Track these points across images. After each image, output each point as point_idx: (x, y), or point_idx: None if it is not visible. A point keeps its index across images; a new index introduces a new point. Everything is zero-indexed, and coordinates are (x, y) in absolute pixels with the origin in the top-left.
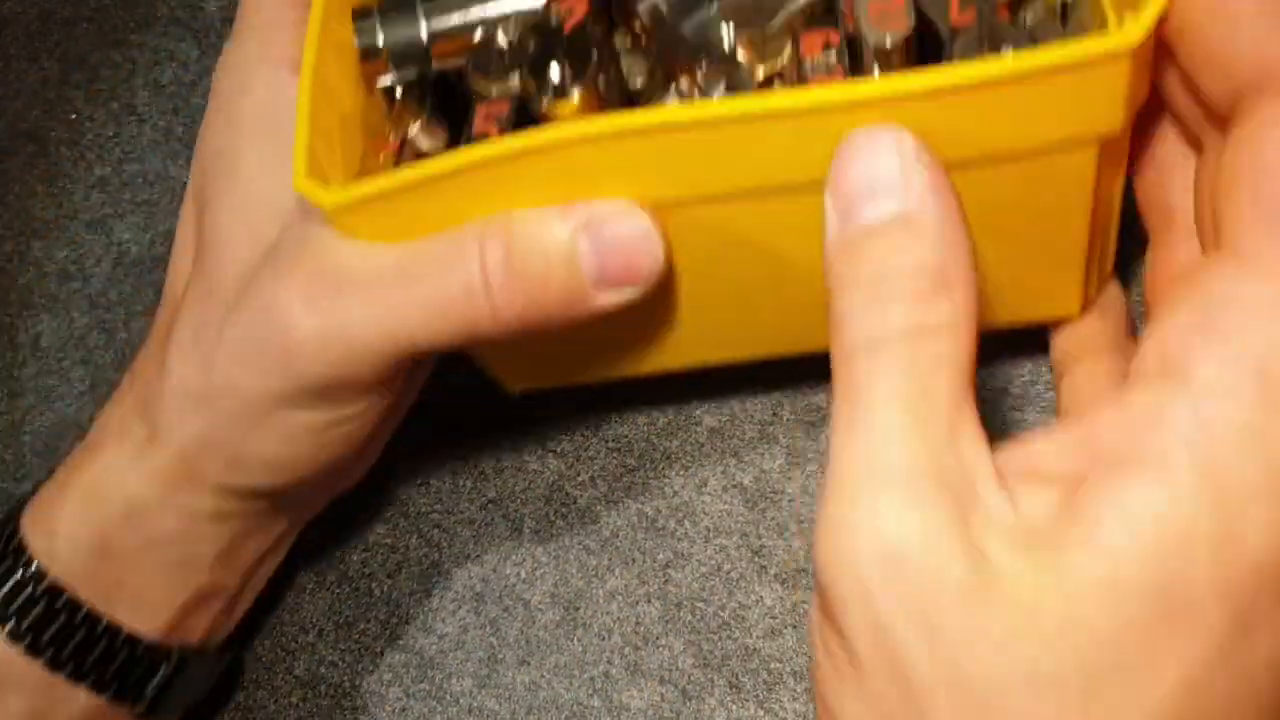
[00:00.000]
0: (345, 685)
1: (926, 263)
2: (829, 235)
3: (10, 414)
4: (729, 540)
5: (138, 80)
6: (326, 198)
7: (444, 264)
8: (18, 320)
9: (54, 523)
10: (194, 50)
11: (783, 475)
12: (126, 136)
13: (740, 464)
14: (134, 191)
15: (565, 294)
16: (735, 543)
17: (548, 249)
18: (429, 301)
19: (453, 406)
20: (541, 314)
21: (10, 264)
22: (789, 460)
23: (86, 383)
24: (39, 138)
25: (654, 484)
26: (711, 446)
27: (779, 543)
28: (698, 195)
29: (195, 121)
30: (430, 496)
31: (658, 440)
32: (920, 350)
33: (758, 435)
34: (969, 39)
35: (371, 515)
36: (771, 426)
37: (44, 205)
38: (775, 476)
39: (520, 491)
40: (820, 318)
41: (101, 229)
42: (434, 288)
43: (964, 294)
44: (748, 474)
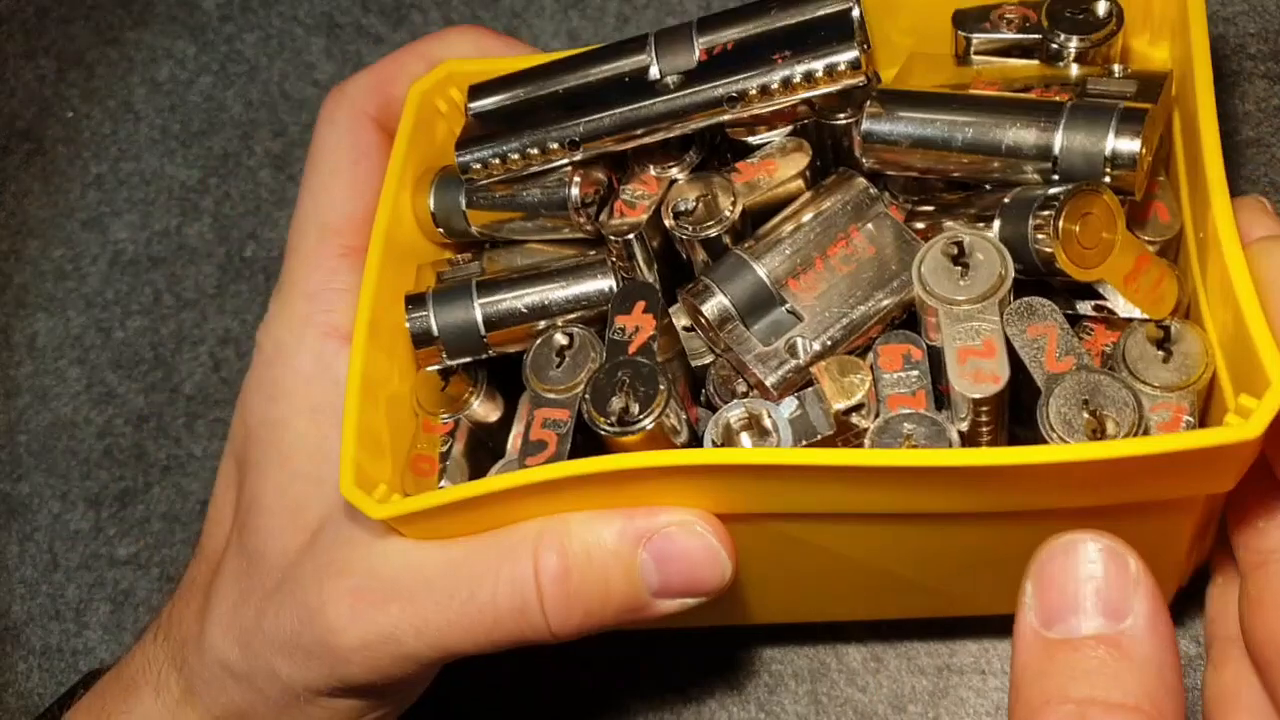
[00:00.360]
0: None
1: (1136, 702)
2: (1024, 621)
3: (6, 413)
4: None
5: (134, 78)
6: (375, 510)
7: (495, 577)
8: (13, 319)
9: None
10: (191, 48)
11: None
12: (123, 135)
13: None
14: (130, 190)
15: (624, 606)
16: None
17: (608, 565)
18: (479, 615)
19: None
20: (598, 624)
21: (6, 263)
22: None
23: (83, 382)
24: (35, 136)
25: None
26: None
27: None
28: (759, 514)
29: (192, 119)
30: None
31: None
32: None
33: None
34: (1068, 387)
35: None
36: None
37: (40, 204)
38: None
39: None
40: (864, 596)
41: (98, 227)
42: (484, 602)
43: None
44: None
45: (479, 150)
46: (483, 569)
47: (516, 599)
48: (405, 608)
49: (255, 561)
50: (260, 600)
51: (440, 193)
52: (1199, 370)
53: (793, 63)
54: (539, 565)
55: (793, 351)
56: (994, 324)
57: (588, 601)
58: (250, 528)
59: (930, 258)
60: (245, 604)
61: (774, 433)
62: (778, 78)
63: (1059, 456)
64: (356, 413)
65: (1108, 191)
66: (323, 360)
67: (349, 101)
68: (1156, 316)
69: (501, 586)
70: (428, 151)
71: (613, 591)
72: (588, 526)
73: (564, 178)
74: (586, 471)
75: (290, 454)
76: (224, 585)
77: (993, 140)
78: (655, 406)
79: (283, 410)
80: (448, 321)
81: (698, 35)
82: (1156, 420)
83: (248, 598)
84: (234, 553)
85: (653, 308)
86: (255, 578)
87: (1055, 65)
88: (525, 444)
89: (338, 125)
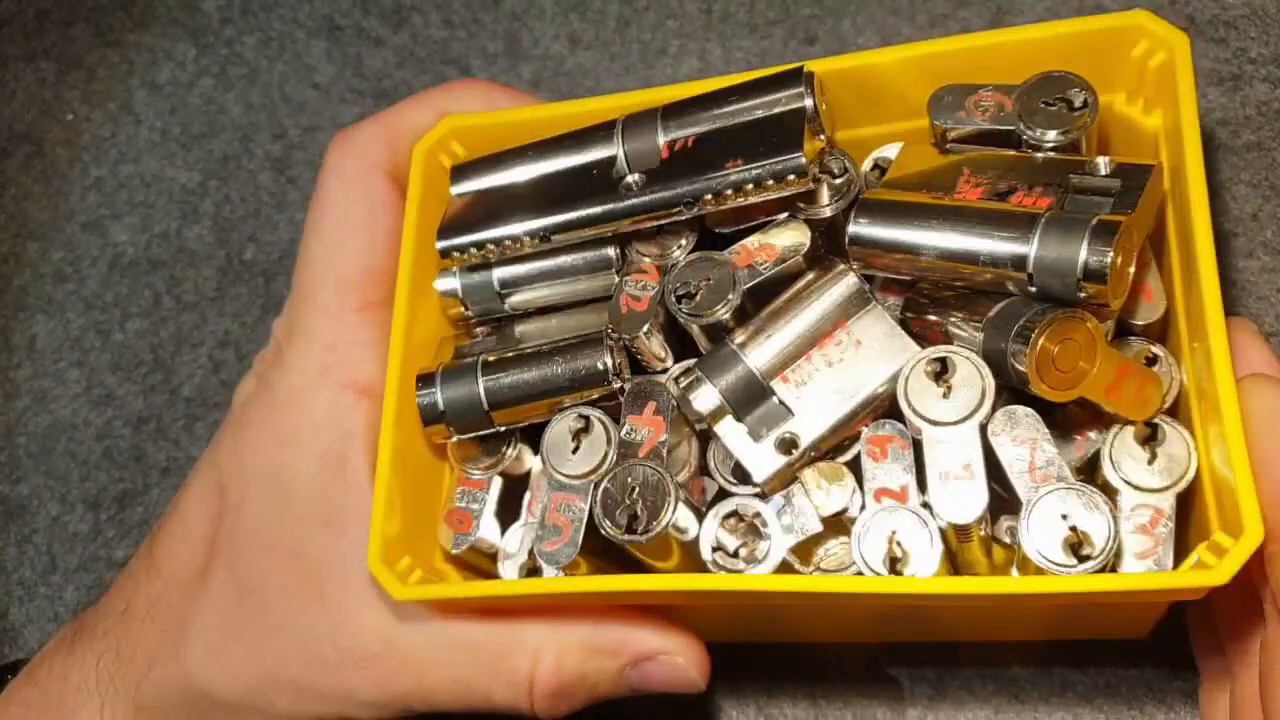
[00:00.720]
0: None
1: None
2: (1272, 632)
3: (6, 415)
4: None
5: (134, 81)
6: (399, 591)
7: (494, 672)
8: (13, 322)
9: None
10: (191, 50)
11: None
12: (123, 137)
13: None
14: (130, 193)
15: (606, 696)
16: None
17: (597, 680)
18: (477, 699)
19: None
20: (579, 708)
21: (6, 265)
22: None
23: (82, 385)
24: (35, 139)
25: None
26: None
27: None
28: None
29: (192, 122)
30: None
31: None
32: None
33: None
34: (1048, 502)
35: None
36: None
37: (40, 206)
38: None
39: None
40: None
41: (97, 230)
42: (482, 691)
43: None
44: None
45: (458, 238)
46: (487, 662)
47: (510, 696)
48: (418, 681)
49: (249, 596)
50: (260, 637)
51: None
52: (1182, 473)
53: (744, 169)
54: (536, 673)
55: (783, 447)
56: (975, 446)
57: (573, 702)
58: (245, 562)
59: (913, 374)
60: (238, 637)
61: (766, 536)
62: (729, 185)
63: (1032, 588)
64: (386, 489)
65: (1090, 319)
66: (337, 411)
67: (359, 151)
68: (1140, 419)
69: (500, 684)
70: (440, 208)
71: (599, 694)
72: (582, 646)
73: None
74: (602, 590)
75: (296, 498)
76: (208, 614)
77: (970, 251)
78: (663, 516)
79: (291, 455)
80: (454, 398)
81: (662, 125)
82: (1136, 522)
83: (241, 632)
84: (222, 584)
85: (663, 409)
86: (249, 613)
87: (1034, 156)
88: (543, 526)
89: (347, 175)
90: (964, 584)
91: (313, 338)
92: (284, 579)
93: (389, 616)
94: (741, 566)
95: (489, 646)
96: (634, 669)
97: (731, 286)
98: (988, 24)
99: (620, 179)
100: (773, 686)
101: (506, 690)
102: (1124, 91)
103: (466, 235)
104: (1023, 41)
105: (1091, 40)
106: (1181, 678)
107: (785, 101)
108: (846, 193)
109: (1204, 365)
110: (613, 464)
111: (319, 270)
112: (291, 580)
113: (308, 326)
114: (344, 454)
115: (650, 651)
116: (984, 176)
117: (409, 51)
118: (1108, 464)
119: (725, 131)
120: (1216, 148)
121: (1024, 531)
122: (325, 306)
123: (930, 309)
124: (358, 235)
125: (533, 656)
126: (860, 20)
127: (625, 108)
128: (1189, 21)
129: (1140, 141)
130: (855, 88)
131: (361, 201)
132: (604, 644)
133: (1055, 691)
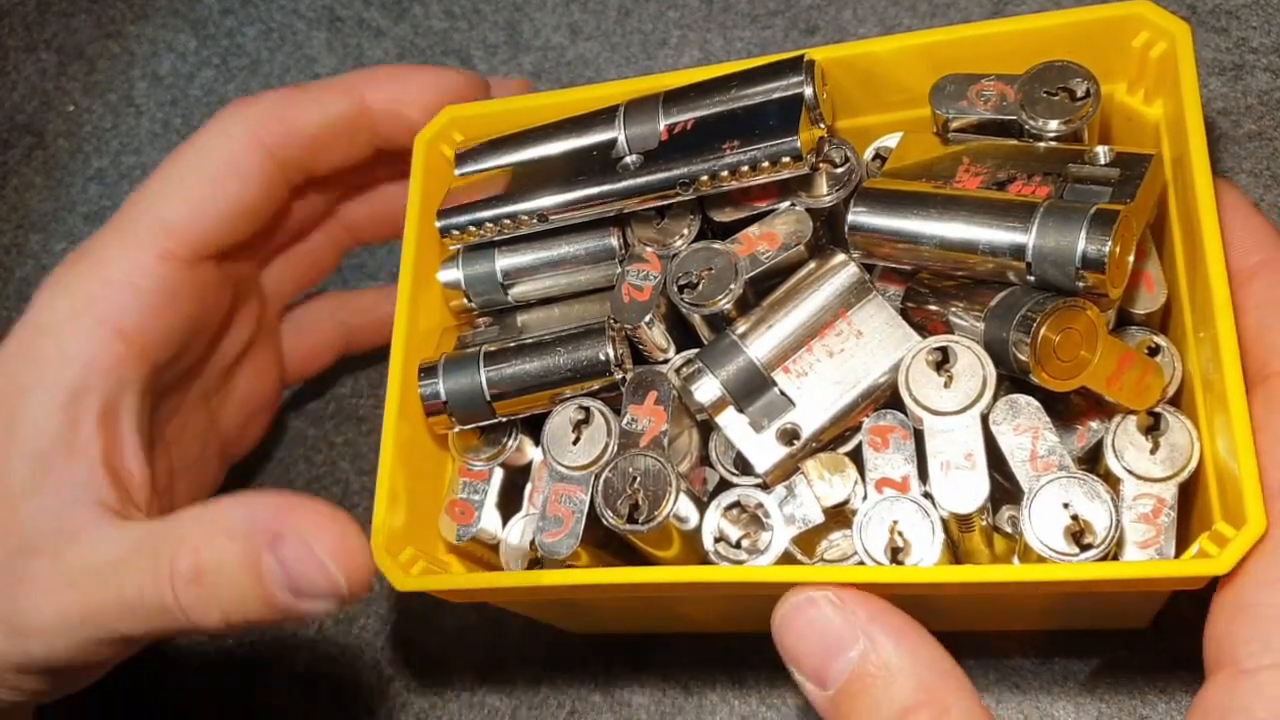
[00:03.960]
0: (345, 679)
1: (910, 699)
2: (815, 703)
3: None
4: None
5: (136, 72)
6: (401, 582)
7: (139, 575)
8: (15, 314)
9: None
10: (192, 41)
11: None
12: (124, 129)
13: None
14: (132, 184)
15: (261, 603)
16: None
17: (234, 568)
18: (134, 607)
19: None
20: (243, 621)
21: (8, 256)
22: None
23: None
24: (36, 130)
25: None
26: None
27: None
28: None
29: (193, 113)
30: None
31: None
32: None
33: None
34: (1050, 491)
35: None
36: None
37: (41, 198)
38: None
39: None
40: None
41: (99, 221)
42: (132, 597)
43: (960, 708)
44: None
45: (457, 218)
46: (139, 565)
47: (156, 597)
48: (82, 595)
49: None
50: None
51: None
52: (1184, 462)
53: (740, 152)
54: (174, 569)
55: (784, 438)
56: (976, 435)
57: (221, 598)
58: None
59: (914, 364)
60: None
61: (768, 526)
62: (725, 166)
63: (1035, 576)
64: (389, 481)
65: (1091, 308)
66: (90, 347)
67: (249, 122)
68: (1141, 408)
69: (146, 585)
70: (440, 198)
71: (238, 595)
72: (213, 534)
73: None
74: (597, 582)
75: (23, 428)
76: None
77: (969, 240)
78: (664, 506)
79: (34, 380)
80: (456, 389)
81: (663, 110)
82: (1138, 512)
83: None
84: None
85: (664, 399)
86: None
87: (1035, 145)
88: (544, 518)
89: (229, 139)
90: (966, 573)
91: (98, 265)
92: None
93: (75, 537)
94: (744, 557)
95: (142, 554)
96: (270, 554)
97: (733, 276)
98: (988, 13)
99: (619, 160)
100: (775, 676)
101: (156, 598)
102: (1125, 81)
103: (465, 214)
104: (1023, 31)
105: (1092, 30)
106: (1183, 667)
107: (785, 89)
108: (847, 182)
109: (1210, 355)
110: (613, 455)
111: (143, 205)
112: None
113: (98, 252)
114: (90, 390)
115: (287, 529)
116: (983, 166)
117: (410, 42)
118: (1110, 453)
119: (724, 116)
120: (1218, 137)
121: (1026, 520)
122: (127, 238)
123: (931, 299)
124: (201, 189)
125: (171, 557)
126: (861, 10)
127: (625, 95)
128: (1190, 11)
129: (1141, 131)
130: (857, 76)
131: (224, 163)
132: (235, 525)
133: (1057, 681)
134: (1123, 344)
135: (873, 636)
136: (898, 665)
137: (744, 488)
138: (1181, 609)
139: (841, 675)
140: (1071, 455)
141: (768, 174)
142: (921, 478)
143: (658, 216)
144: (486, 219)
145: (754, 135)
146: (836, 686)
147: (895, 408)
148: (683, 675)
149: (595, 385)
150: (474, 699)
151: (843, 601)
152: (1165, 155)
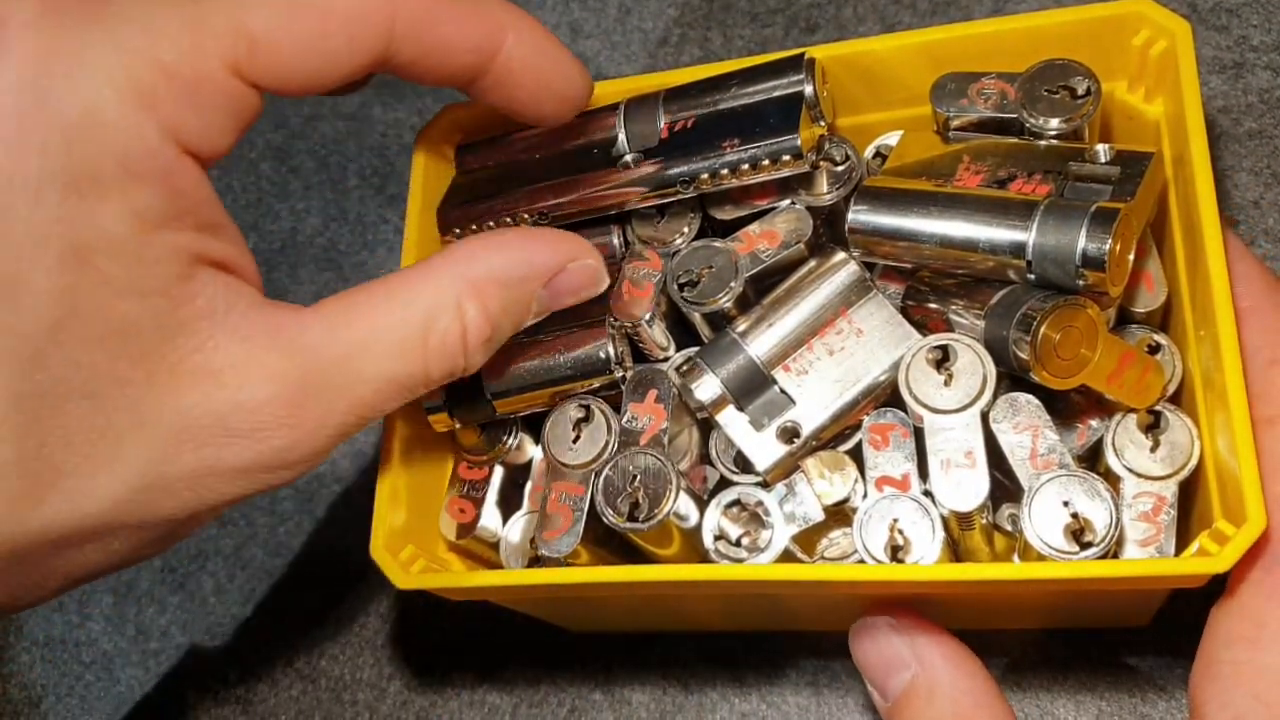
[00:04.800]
0: (345, 678)
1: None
2: (879, 708)
3: None
4: None
5: None
6: (403, 580)
7: (425, 346)
8: None
9: None
10: None
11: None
12: None
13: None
14: None
15: (520, 328)
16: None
17: (518, 313)
18: (413, 379)
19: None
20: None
21: None
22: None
23: None
24: None
25: None
26: None
27: None
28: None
29: None
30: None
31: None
32: None
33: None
34: (1050, 489)
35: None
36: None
37: None
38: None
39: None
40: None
41: None
42: (416, 369)
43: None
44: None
45: (457, 215)
46: (414, 347)
47: (447, 365)
48: (350, 406)
49: (68, 406)
50: (112, 445)
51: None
52: (1185, 461)
53: (740, 150)
54: (467, 328)
55: (784, 436)
56: (976, 433)
57: (495, 345)
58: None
59: (915, 362)
60: (89, 460)
61: (768, 525)
62: (725, 164)
63: (1033, 575)
64: (390, 478)
65: (1091, 306)
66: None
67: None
68: (1142, 407)
69: (435, 358)
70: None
71: (517, 328)
72: (499, 281)
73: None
74: (598, 580)
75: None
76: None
77: (969, 239)
78: (664, 504)
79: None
80: (456, 386)
81: (664, 108)
82: (1138, 510)
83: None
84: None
85: (664, 398)
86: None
87: (1036, 144)
88: (544, 516)
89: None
90: (966, 571)
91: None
92: (115, 366)
93: (281, 357)
94: (744, 555)
95: (407, 328)
96: (544, 289)
97: (734, 274)
98: (989, 11)
99: (619, 158)
100: (775, 674)
101: (442, 361)
102: (1125, 79)
103: (465, 211)
104: (1024, 29)
105: (1093, 28)
106: (1183, 665)
107: (786, 87)
108: (848, 180)
109: (1211, 353)
110: (614, 453)
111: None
112: (123, 366)
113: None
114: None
115: (558, 264)
116: (984, 164)
117: None
118: (1110, 451)
119: (724, 114)
120: (1218, 135)
121: (1026, 518)
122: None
123: (931, 297)
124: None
125: (457, 313)
126: (861, 8)
127: (625, 93)
128: (1191, 9)
129: (1142, 129)
130: (857, 75)
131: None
132: (515, 273)
133: (1057, 679)
134: (1123, 342)
135: (924, 660)
136: (941, 690)
137: (744, 486)
138: (1181, 607)
139: (897, 690)
140: (1072, 453)
141: (768, 172)
142: (922, 476)
143: (658, 214)
144: (487, 216)
145: (754, 133)
146: (892, 700)
147: (895, 406)
148: (683, 673)
149: (595, 383)
150: (474, 697)
151: (903, 627)
152: (1165, 153)
